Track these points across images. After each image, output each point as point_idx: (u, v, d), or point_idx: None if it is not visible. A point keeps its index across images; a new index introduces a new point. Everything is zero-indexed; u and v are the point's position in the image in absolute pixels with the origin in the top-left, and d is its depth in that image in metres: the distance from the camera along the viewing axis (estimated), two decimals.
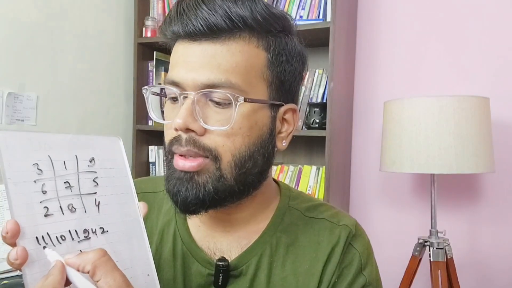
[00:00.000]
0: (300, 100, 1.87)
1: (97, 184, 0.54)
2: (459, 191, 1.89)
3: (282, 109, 0.65)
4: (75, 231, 0.50)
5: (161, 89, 0.65)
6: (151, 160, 2.24)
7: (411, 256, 1.64)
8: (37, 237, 0.46)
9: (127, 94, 2.22)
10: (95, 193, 0.53)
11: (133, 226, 0.56)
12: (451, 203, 1.90)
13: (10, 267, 0.46)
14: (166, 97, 0.64)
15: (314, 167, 1.91)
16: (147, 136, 2.24)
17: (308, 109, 1.88)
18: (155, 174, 2.23)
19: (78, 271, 0.46)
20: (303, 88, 1.90)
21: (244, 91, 0.59)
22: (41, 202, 0.48)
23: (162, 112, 0.66)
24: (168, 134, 0.62)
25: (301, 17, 1.91)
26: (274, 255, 0.67)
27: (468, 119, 1.48)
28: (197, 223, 0.70)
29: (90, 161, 0.54)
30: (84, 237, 0.51)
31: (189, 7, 0.58)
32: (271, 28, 0.61)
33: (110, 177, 0.55)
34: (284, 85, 0.64)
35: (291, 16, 0.66)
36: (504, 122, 1.81)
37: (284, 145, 0.67)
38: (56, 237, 0.48)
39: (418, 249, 1.64)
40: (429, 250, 1.59)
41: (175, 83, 0.60)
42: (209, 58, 0.58)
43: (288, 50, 0.63)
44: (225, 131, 0.58)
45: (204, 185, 0.60)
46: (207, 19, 0.57)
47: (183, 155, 0.60)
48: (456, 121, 1.47)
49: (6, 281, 1.24)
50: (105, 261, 0.46)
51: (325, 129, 1.79)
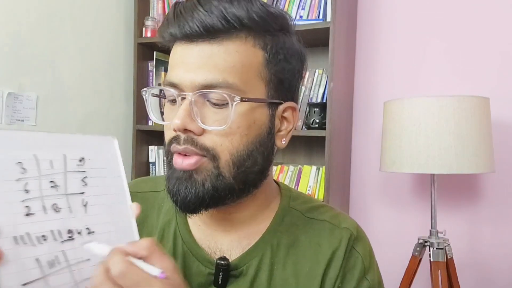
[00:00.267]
0: (300, 100, 1.87)
1: (86, 184, 0.53)
2: (459, 191, 1.89)
3: (281, 107, 0.65)
4: (58, 231, 0.50)
5: (160, 91, 0.66)
6: (151, 160, 2.24)
7: (411, 256, 1.64)
8: (15, 237, 0.46)
9: (127, 94, 2.22)
10: (83, 193, 0.53)
11: (124, 228, 0.55)
12: (451, 203, 1.90)
13: None
14: (165, 98, 0.64)
15: (314, 167, 1.91)
16: (147, 136, 2.24)
17: (308, 109, 1.88)
18: (155, 174, 2.23)
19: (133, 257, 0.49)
20: (303, 88, 1.89)
21: (241, 90, 0.59)
22: (22, 201, 0.47)
23: (162, 113, 0.67)
24: (168, 135, 0.63)
25: (301, 17, 1.91)
26: (275, 256, 0.67)
27: (468, 119, 1.48)
28: (197, 222, 0.70)
29: (80, 161, 0.53)
30: (68, 237, 0.50)
31: (186, 9, 0.59)
32: (268, 27, 0.61)
33: (101, 177, 0.55)
34: (282, 84, 0.64)
35: (289, 15, 0.66)
36: (504, 122, 1.81)
37: (283, 143, 0.67)
38: (37, 237, 0.48)
39: (418, 249, 1.63)
40: (429, 250, 1.59)
41: (173, 85, 0.60)
42: (206, 59, 0.58)
43: (286, 49, 0.63)
44: (223, 130, 0.59)
45: (203, 183, 0.60)
46: (203, 20, 0.57)
47: (181, 153, 0.60)
48: (456, 121, 1.47)
49: None
50: (157, 248, 0.50)
51: (325, 129, 1.79)
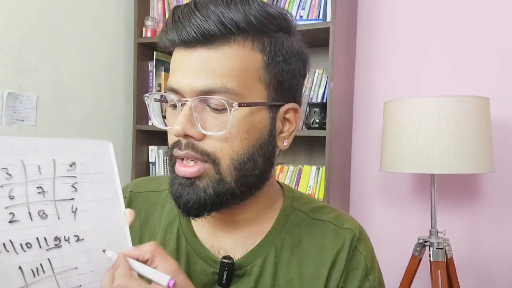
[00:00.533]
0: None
1: (76, 189, 0.52)
2: (459, 191, 1.89)
3: (283, 109, 0.65)
4: (44, 238, 0.48)
5: (162, 95, 0.66)
6: (151, 160, 2.23)
7: (411, 256, 1.64)
8: None
9: (127, 94, 2.22)
10: (73, 199, 0.52)
11: (116, 235, 0.54)
12: (451, 203, 1.90)
13: None
14: (167, 102, 0.64)
15: (314, 167, 1.91)
16: (147, 136, 2.24)
17: (308, 109, 1.88)
18: (155, 174, 2.23)
19: (137, 260, 0.51)
20: (303, 88, 1.89)
21: (240, 94, 0.59)
22: (6, 208, 0.46)
23: (163, 117, 0.67)
24: (170, 139, 0.64)
25: (301, 17, 1.91)
26: (279, 256, 0.68)
27: (468, 119, 1.48)
28: (201, 222, 0.70)
29: (71, 166, 0.52)
30: (55, 245, 0.49)
31: (183, 14, 0.59)
32: (266, 29, 0.61)
33: (93, 182, 0.54)
34: (283, 85, 0.64)
35: (290, 14, 0.65)
36: (504, 122, 1.80)
37: (286, 144, 0.67)
38: (21, 244, 0.47)
39: (418, 249, 1.63)
40: (429, 250, 1.59)
41: (173, 90, 0.61)
42: (204, 64, 0.58)
43: (285, 50, 0.63)
44: (223, 135, 0.59)
45: (205, 189, 0.60)
46: (200, 26, 0.57)
47: (183, 158, 0.61)
48: (456, 121, 1.47)
49: None
50: (160, 250, 0.53)
51: (325, 129, 1.79)
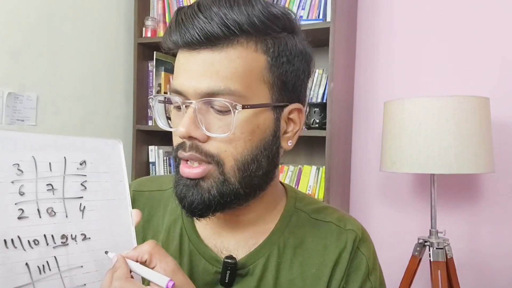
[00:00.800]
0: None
1: (85, 188, 0.52)
2: (459, 191, 1.89)
3: (287, 109, 0.65)
4: (52, 236, 0.48)
5: (166, 97, 0.67)
6: (151, 160, 2.23)
7: (411, 256, 1.64)
8: (5, 240, 0.45)
9: (127, 94, 2.22)
10: (81, 197, 0.52)
11: (122, 235, 0.54)
12: (451, 203, 1.90)
13: None
14: (171, 104, 0.64)
15: (314, 167, 1.91)
16: (147, 136, 2.24)
17: (308, 109, 1.88)
18: (155, 174, 2.23)
19: (137, 261, 0.52)
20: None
21: (244, 96, 0.59)
22: (16, 204, 0.46)
23: (167, 118, 0.67)
24: (175, 140, 0.64)
25: (301, 17, 1.91)
26: (282, 256, 0.68)
27: (468, 119, 1.48)
28: (204, 222, 0.70)
29: (81, 164, 0.52)
30: (62, 243, 0.49)
31: (186, 16, 0.59)
32: (270, 30, 0.61)
33: (101, 181, 0.54)
34: (286, 86, 0.64)
35: (294, 13, 0.65)
36: (504, 122, 1.80)
37: (290, 145, 0.67)
38: (28, 241, 0.46)
39: (418, 249, 1.63)
40: (429, 250, 1.59)
41: (178, 92, 0.61)
42: (208, 66, 0.58)
43: (289, 51, 0.63)
44: (227, 137, 0.59)
45: (209, 190, 0.61)
46: (203, 28, 0.57)
47: (187, 160, 0.61)
48: (456, 121, 1.47)
49: None
50: (158, 250, 0.54)
51: (325, 129, 1.79)
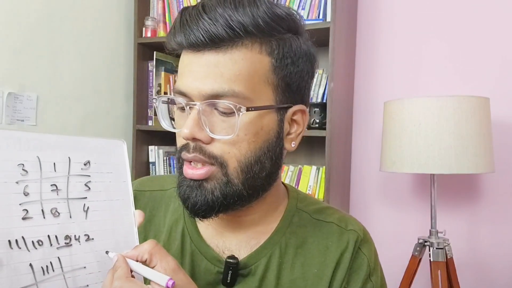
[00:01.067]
0: None
1: (89, 188, 0.52)
2: (459, 191, 1.89)
3: (291, 110, 0.65)
4: (55, 236, 0.48)
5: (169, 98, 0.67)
6: (151, 160, 2.23)
7: (411, 256, 1.64)
8: (9, 241, 0.45)
9: (127, 94, 2.22)
10: (85, 198, 0.51)
11: (125, 235, 0.54)
12: (451, 203, 1.90)
13: None
14: (175, 104, 0.64)
15: (314, 167, 1.91)
16: (147, 136, 2.24)
17: (308, 109, 1.88)
18: (155, 174, 2.23)
19: (137, 261, 0.52)
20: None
21: (248, 98, 0.59)
22: (20, 204, 0.46)
23: (171, 119, 0.67)
24: (179, 141, 0.64)
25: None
26: (284, 256, 0.68)
27: (468, 119, 1.48)
28: (206, 222, 0.70)
29: (85, 164, 0.52)
30: (65, 243, 0.49)
31: (191, 17, 0.59)
32: (274, 32, 0.60)
33: (105, 182, 0.54)
34: (290, 87, 0.63)
35: (298, 14, 0.64)
36: (504, 122, 1.80)
37: (293, 146, 0.67)
38: (32, 241, 0.46)
39: (418, 249, 1.63)
40: (429, 250, 1.59)
41: (182, 93, 0.61)
42: (212, 68, 0.58)
43: (293, 52, 0.62)
44: (231, 139, 0.59)
45: (213, 191, 0.61)
46: (208, 29, 0.57)
47: (190, 161, 0.61)
48: (456, 121, 1.47)
49: None
50: (159, 249, 0.53)
51: (325, 129, 1.79)
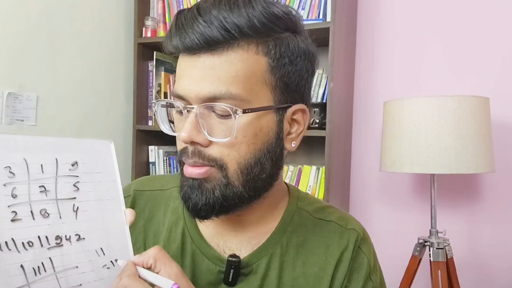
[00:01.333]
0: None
1: (78, 189, 0.52)
2: (459, 191, 1.89)
3: (290, 110, 0.64)
4: (46, 237, 0.49)
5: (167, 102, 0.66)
6: (151, 160, 2.23)
7: (411, 256, 1.64)
8: None
9: (127, 94, 2.22)
10: (74, 198, 0.52)
11: (116, 234, 0.54)
12: (451, 203, 1.90)
13: None
14: (174, 107, 0.64)
15: (314, 167, 1.91)
16: (147, 136, 2.24)
17: (309, 109, 1.87)
18: (155, 174, 2.23)
19: (143, 267, 0.53)
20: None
21: (246, 99, 0.58)
22: (8, 206, 0.47)
23: (170, 122, 0.67)
24: (178, 145, 0.64)
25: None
26: (285, 255, 0.68)
27: (468, 119, 1.48)
28: (206, 222, 0.70)
29: (73, 165, 0.52)
30: (56, 244, 0.49)
31: (186, 20, 0.58)
32: (271, 32, 0.60)
33: (94, 182, 0.54)
34: (289, 87, 0.63)
35: (295, 11, 0.64)
36: (504, 122, 1.80)
37: (293, 146, 0.66)
38: (22, 242, 0.47)
39: (418, 249, 1.64)
40: (429, 250, 1.59)
41: (180, 96, 0.61)
42: (209, 71, 0.58)
43: (291, 51, 0.62)
44: (229, 141, 0.59)
45: (213, 190, 0.61)
46: (203, 32, 0.57)
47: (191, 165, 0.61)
48: (456, 121, 1.47)
49: None
50: (162, 255, 0.54)
51: (325, 129, 1.79)
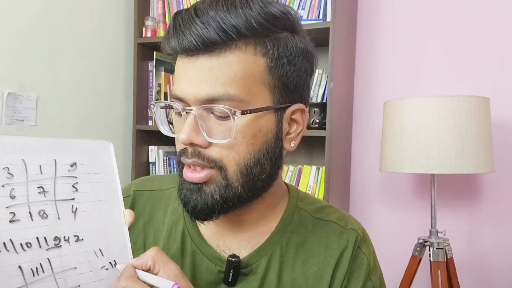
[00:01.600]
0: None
1: (77, 189, 0.52)
2: (459, 191, 1.89)
3: (289, 110, 0.64)
4: (44, 238, 0.49)
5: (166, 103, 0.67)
6: (151, 160, 2.23)
7: (411, 256, 1.64)
8: None
9: (127, 94, 2.22)
10: (73, 199, 0.52)
11: (115, 235, 0.54)
12: (451, 203, 1.90)
13: None
14: (172, 109, 0.64)
15: (314, 167, 1.91)
16: (147, 136, 2.24)
17: (308, 109, 1.88)
18: (155, 174, 2.23)
19: (142, 269, 0.53)
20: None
21: (244, 100, 0.58)
22: (7, 207, 0.47)
23: (170, 123, 0.67)
24: (178, 146, 0.64)
25: (301, 17, 1.91)
26: (284, 255, 0.68)
27: (468, 119, 1.48)
28: (206, 222, 0.71)
29: (71, 166, 0.52)
30: (54, 244, 0.49)
31: (184, 22, 0.58)
32: (269, 32, 0.60)
33: (93, 182, 0.54)
34: (288, 87, 0.63)
35: (294, 11, 0.63)
36: (504, 122, 1.80)
37: (293, 146, 0.66)
38: (21, 244, 0.47)
39: (418, 249, 1.64)
40: (429, 250, 1.59)
41: (178, 98, 0.61)
42: (207, 72, 0.58)
43: (289, 51, 0.62)
44: (228, 142, 0.59)
45: (212, 194, 0.61)
46: (200, 34, 0.56)
47: (190, 166, 0.61)
48: (456, 121, 1.47)
49: None
50: (161, 256, 0.54)
51: (325, 129, 1.79)
